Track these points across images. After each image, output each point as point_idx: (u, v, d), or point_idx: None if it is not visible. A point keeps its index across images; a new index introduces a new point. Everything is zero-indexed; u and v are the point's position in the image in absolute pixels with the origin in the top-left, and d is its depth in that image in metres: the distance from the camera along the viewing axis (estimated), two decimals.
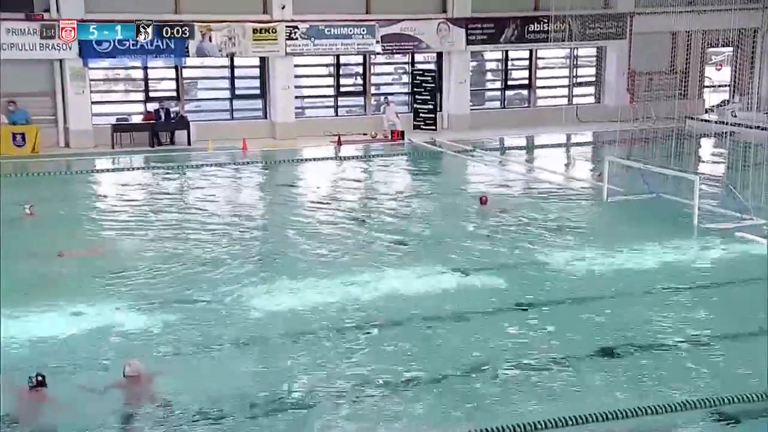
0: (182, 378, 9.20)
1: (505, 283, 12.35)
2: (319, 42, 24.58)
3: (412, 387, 9.11)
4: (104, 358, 9.70)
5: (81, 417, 8.34)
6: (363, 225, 15.57)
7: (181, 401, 8.62)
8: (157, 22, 22.91)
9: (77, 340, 10.20)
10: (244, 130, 23.88)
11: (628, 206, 16.91)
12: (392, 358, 9.81)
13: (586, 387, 9.18)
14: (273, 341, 10.24)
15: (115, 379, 8.96)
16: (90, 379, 9.13)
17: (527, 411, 8.56)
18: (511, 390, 9.09)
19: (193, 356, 9.82)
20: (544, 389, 9.08)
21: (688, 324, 10.86)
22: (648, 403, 8.63)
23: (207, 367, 9.55)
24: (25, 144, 21.96)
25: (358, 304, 11.42)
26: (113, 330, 10.46)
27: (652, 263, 13.31)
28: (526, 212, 16.57)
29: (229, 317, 10.95)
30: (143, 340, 10.25)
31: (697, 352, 10.07)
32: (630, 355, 9.91)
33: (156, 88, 24.50)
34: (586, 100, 28.77)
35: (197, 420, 8.32)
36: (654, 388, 9.13)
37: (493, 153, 23.40)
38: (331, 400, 8.75)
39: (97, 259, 13.30)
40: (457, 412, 8.57)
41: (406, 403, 8.76)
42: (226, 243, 14.32)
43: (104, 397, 8.72)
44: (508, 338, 10.41)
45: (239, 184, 20.01)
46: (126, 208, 16.86)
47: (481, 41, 26.35)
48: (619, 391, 9.03)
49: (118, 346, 10.00)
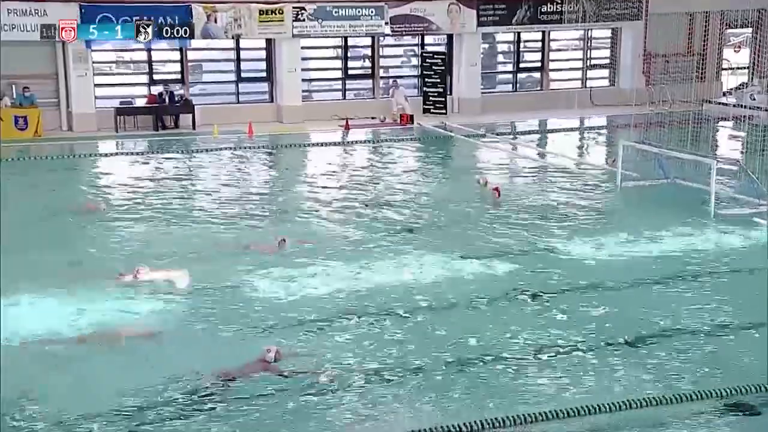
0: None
1: (516, 269, 12.37)
2: (327, 23, 24.54)
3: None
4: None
5: None
6: (370, 211, 15.60)
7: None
8: (161, 2, 22.89)
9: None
10: (249, 113, 23.90)
11: (642, 192, 16.91)
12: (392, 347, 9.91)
13: (602, 375, 9.24)
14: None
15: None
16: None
17: (544, 399, 8.65)
18: (531, 377, 9.17)
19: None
20: (568, 377, 9.17)
21: (705, 312, 10.89)
22: (666, 393, 8.70)
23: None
24: (28, 127, 22.05)
25: (363, 290, 11.50)
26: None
27: (667, 250, 13.32)
28: (538, 198, 16.60)
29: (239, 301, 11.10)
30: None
31: (717, 341, 10.11)
32: (646, 344, 9.94)
33: (160, 70, 24.52)
34: (600, 83, 28.71)
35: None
36: (672, 376, 9.18)
37: (504, 137, 23.37)
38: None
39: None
40: (469, 401, 8.67)
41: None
42: (234, 230, 14.39)
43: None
44: (520, 326, 10.45)
45: (245, 169, 20.03)
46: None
47: (493, 23, 26.27)
48: (637, 380, 9.09)
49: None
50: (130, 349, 9.78)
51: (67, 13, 22.08)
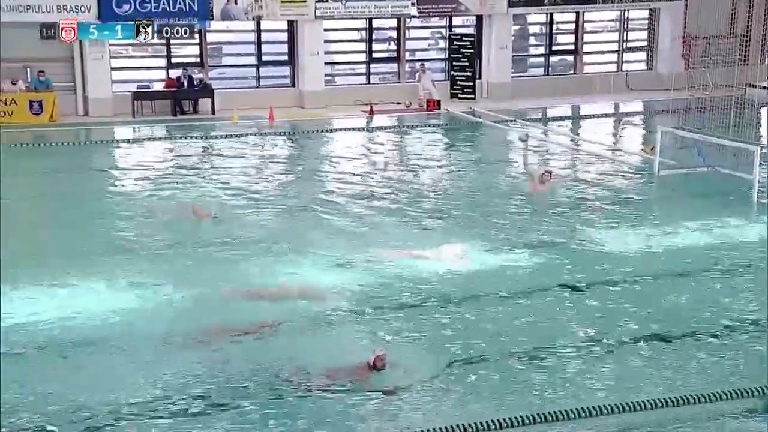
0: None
1: (553, 260, 12.27)
2: (351, 5, 24.27)
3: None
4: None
5: None
6: (396, 200, 15.52)
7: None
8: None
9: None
10: (270, 98, 23.69)
11: (681, 180, 16.69)
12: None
13: (643, 371, 9.15)
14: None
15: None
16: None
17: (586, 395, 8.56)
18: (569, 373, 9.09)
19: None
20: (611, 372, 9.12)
21: (748, 305, 10.73)
22: (707, 390, 8.57)
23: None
24: (43, 112, 22.00)
25: (398, 281, 11.38)
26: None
27: (707, 240, 13.17)
28: (573, 186, 16.42)
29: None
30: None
31: (761, 337, 9.91)
32: (687, 338, 9.85)
33: (178, 53, 24.38)
34: (636, 66, 28.30)
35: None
36: (714, 373, 9.06)
37: (535, 123, 23.03)
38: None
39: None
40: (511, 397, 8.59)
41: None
42: (259, 220, 14.27)
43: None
44: (555, 319, 10.37)
45: (263, 156, 19.88)
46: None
47: (524, 3, 25.90)
48: (679, 376, 9.00)
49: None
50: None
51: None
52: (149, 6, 22.79)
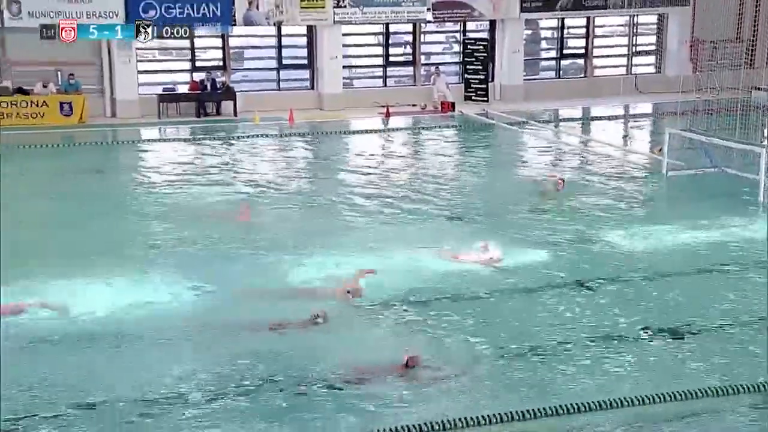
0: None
1: (562, 260, 12.71)
2: (368, 10, 24.91)
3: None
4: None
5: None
6: (415, 200, 16.06)
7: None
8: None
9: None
10: (290, 100, 24.40)
11: (689, 181, 17.11)
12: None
13: (651, 367, 9.59)
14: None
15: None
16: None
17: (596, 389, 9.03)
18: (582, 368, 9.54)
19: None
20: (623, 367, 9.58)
21: (755, 305, 11.05)
22: (713, 385, 8.99)
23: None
24: (72, 113, 22.79)
25: (418, 280, 11.90)
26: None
27: (715, 241, 13.53)
28: (583, 187, 16.86)
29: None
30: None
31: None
32: (694, 335, 10.24)
33: (202, 57, 25.11)
34: (645, 69, 28.77)
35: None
36: (718, 369, 9.47)
37: (547, 125, 23.59)
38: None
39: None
40: (513, 394, 9.05)
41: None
42: (281, 220, 14.91)
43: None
44: (566, 316, 10.81)
45: (286, 156, 20.57)
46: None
47: (536, 8, 26.45)
48: (686, 372, 9.43)
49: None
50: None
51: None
52: (174, 12, 23.56)
